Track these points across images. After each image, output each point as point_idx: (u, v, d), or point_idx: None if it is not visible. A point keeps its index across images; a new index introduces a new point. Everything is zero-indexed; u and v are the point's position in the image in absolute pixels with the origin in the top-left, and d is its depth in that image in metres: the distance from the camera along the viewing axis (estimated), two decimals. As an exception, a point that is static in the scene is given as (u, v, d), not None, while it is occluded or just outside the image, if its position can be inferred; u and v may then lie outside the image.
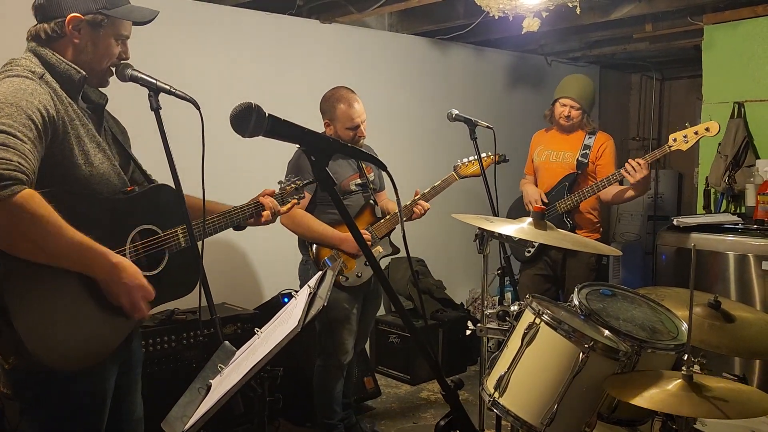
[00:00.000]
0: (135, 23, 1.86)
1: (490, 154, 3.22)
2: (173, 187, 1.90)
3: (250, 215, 2.14)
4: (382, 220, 3.19)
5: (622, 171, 3.30)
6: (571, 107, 3.62)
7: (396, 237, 3.19)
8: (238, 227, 2.15)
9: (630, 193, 3.44)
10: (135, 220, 1.83)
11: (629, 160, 3.30)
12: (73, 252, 1.61)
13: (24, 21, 1.82)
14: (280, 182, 2.37)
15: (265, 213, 2.17)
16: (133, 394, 2.03)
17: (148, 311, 1.78)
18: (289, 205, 2.31)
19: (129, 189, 1.87)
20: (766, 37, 4.06)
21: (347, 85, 3.19)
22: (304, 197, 2.44)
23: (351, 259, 3.10)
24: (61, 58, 1.74)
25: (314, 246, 3.08)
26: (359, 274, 3.12)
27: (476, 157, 3.09)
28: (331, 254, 3.09)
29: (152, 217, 1.87)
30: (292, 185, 2.36)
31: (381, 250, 3.19)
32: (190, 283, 1.96)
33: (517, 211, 3.78)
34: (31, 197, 1.52)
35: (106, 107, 1.91)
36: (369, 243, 3.09)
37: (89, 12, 1.74)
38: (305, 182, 2.42)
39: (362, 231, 3.07)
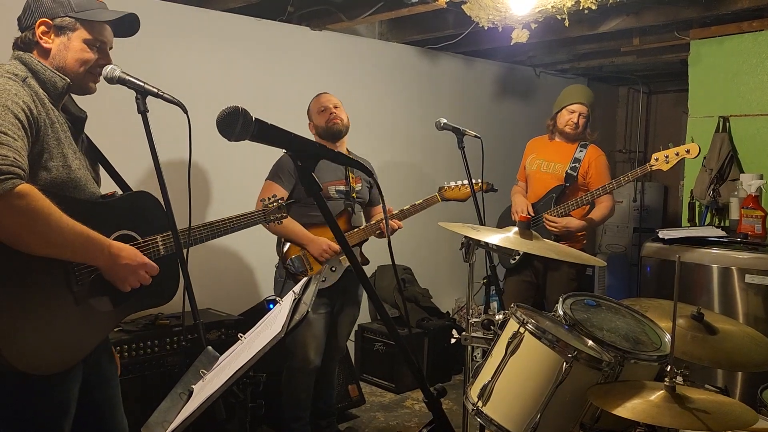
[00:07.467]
0: (117, 35, 1.87)
1: (479, 181, 3.15)
2: (152, 194, 1.90)
3: (239, 228, 2.15)
4: (355, 230, 3.17)
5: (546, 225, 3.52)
6: (581, 114, 3.64)
7: (382, 246, 3.18)
8: None
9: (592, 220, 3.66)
10: (113, 225, 1.82)
11: (545, 216, 3.54)
12: (76, 241, 1.63)
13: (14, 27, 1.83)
14: (262, 200, 2.37)
15: None
16: (116, 410, 1.98)
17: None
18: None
19: (110, 194, 1.86)
20: (751, 52, 4.11)
21: (336, 92, 3.20)
22: (286, 217, 2.48)
23: (315, 261, 3.12)
24: (45, 65, 1.75)
25: (287, 244, 3.13)
26: (333, 269, 3.15)
27: (464, 182, 3.19)
28: (299, 254, 3.12)
29: (131, 223, 1.85)
30: (275, 203, 2.39)
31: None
32: (168, 292, 1.95)
33: (507, 220, 3.80)
34: (31, 190, 1.54)
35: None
36: (336, 251, 3.09)
37: (56, 16, 1.76)
38: (288, 201, 2.47)
39: (328, 240, 3.08)
